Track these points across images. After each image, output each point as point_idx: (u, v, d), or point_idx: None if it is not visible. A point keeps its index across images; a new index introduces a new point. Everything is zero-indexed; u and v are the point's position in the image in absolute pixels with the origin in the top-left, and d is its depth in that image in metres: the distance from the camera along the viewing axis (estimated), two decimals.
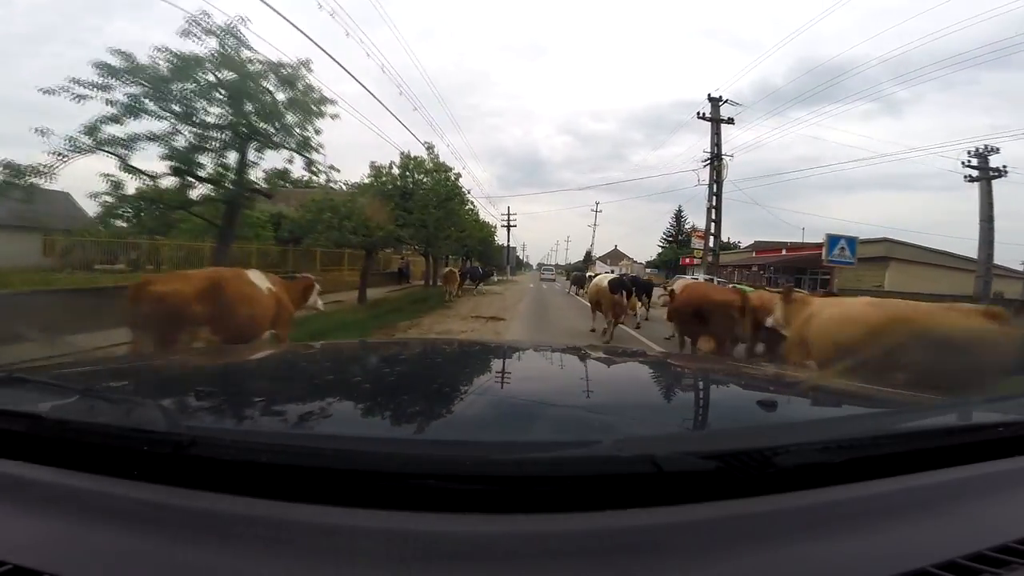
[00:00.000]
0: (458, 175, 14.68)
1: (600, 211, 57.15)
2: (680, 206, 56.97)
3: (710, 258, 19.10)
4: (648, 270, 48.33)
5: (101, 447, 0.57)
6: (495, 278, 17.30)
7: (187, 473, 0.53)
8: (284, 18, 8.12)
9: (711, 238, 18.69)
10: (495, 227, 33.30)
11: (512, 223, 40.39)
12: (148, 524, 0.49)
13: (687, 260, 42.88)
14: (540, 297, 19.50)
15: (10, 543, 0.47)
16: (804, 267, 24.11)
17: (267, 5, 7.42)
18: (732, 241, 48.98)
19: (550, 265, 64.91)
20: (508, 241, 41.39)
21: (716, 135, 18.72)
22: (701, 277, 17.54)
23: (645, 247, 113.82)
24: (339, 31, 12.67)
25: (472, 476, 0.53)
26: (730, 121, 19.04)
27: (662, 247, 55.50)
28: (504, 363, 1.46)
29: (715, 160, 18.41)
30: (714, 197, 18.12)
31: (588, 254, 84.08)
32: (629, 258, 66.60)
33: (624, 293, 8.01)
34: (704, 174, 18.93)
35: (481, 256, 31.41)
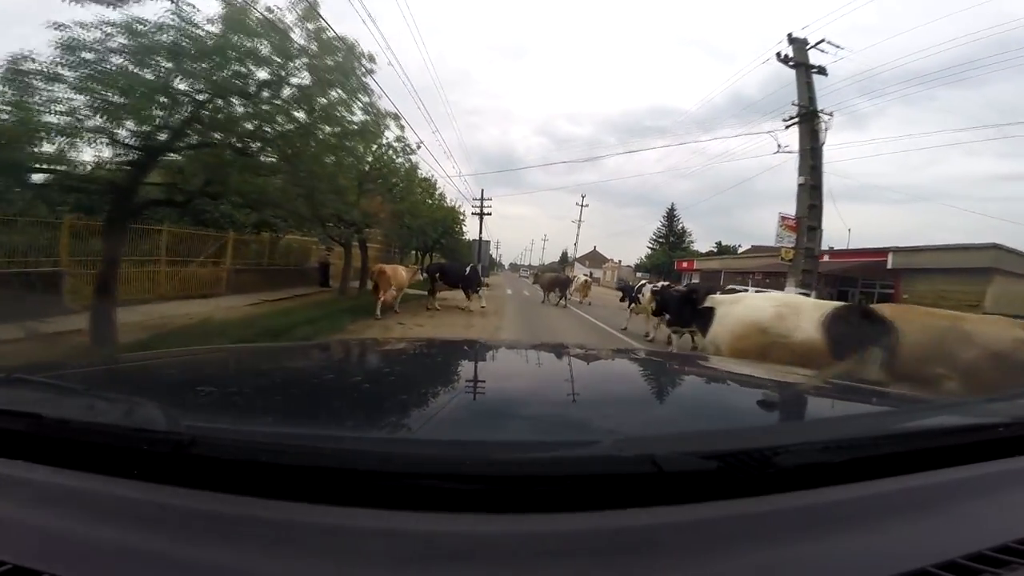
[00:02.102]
0: (371, 57, 6.25)
1: (587, 205, 49.78)
2: (672, 204, 51.64)
3: (803, 258, 11.63)
4: (638, 274, 42.16)
5: (101, 447, 0.56)
6: (481, 289, 10.07)
7: (187, 473, 0.52)
8: None
9: (808, 231, 11.54)
10: (463, 213, 24.76)
11: (487, 210, 28.90)
12: (148, 524, 0.48)
13: (684, 264, 36.91)
14: (531, 315, 12.33)
15: (10, 543, 0.46)
16: (855, 276, 18.81)
17: None
18: (727, 245, 44.20)
19: (526, 267, 59.94)
20: (480, 233, 29.21)
21: (806, 84, 12.36)
22: (793, 291, 10.80)
23: (626, 250, 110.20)
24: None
25: (472, 476, 0.52)
26: (822, 71, 12.60)
27: (652, 248, 49.87)
28: (504, 363, 1.43)
29: (809, 117, 11.79)
30: (811, 170, 11.47)
31: (564, 254, 78.06)
32: (613, 260, 59.62)
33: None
34: (786, 139, 12.40)
35: (446, 252, 23.78)
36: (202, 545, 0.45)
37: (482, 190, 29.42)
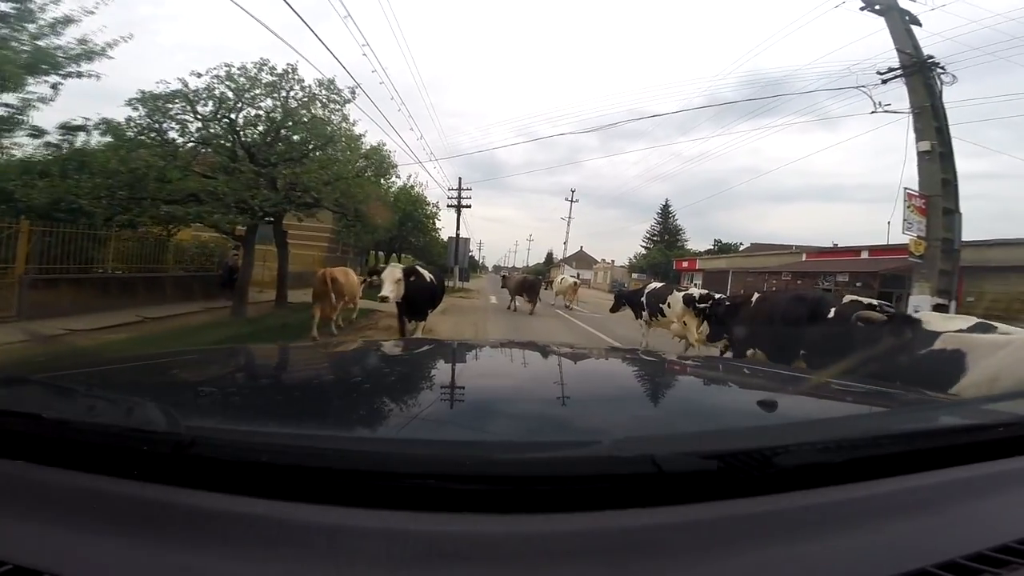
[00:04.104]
0: None
1: (577, 200, 45.75)
2: (667, 200, 48.40)
3: (939, 252, 7.92)
4: (634, 275, 38.71)
5: (101, 447, 0.56)
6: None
7: (187, 473, 0.52)
8: None
9: (942, 214, 7.92)
10: (434, 205, 20.84)
11: (465, 201, 22.92)
12: (148, 524, 0.48)
13: (685, 263, 33.60)
14: (529, 337, 8.36)
15: (10, 543, 0.46)
16: (903, 275, 16.40)
17: None
18: (730, 242, 41.29)
19: (506, 268, 56.50)
20: (458, 228, 23.08)
21: (905, 31, 9.30)
22: (928, 302, 7.38)
23: (613, 251, 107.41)
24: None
25: (472, 476, 0.52)
26: (915, 21, 9.40)
27: (646, 247, 46.50)
28: (505, 364, 1.43)
29: (919, 68, 8.31)
30: (936, 133, 7.87)
31: (550, 255, 74.41)
32: (604, 261, 55.68)
33: None
34: (885, 96, 8.88)
35: (417, 252, 19.78)
36: (202, 545, 0.45)
37: (460, 178, 24.47)
